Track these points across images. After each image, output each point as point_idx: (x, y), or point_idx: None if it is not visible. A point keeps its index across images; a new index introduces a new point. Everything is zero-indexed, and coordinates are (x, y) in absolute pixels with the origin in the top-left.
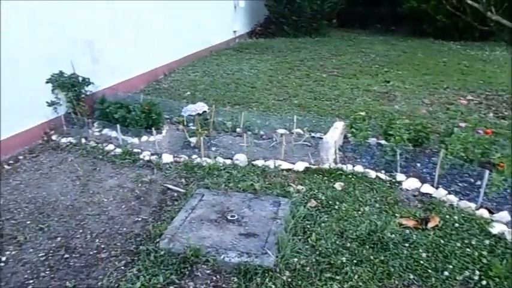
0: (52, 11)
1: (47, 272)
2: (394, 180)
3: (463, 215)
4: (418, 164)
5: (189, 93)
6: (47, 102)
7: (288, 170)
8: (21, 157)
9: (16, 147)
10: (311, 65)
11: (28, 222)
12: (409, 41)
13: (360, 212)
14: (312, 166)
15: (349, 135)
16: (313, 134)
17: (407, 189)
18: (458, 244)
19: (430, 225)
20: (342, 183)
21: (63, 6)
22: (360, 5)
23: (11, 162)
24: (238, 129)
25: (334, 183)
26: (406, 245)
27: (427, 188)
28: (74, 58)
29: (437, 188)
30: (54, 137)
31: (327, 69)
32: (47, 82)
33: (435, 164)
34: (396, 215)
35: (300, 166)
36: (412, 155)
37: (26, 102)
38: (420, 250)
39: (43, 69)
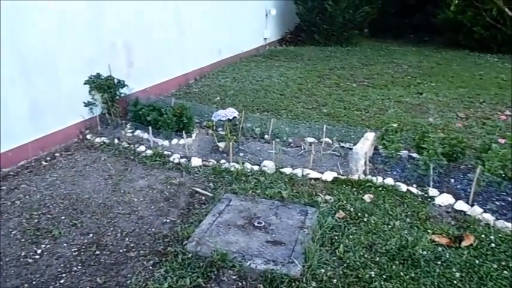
0: (93, 14)
1: (79, 267)
2: (426, 195)
3: (499, 235)
4: (452, 180)
5: (218, 98)
6: (84, 102)
7: (316, 179)
8: (57, 154)
9: (53, 145)
10: (341, 74)
11: (63, 217)
12: (443, 52)
13: (389, 226)
14: (340, 176)
15: (380, 146)
16: (342, 144)
17: (440, 205)
18: (495, 266)
19: (464, 243)
20: (372, 196)
21: (104, 9)
22: (392, 15)
23: (48, 158)
24: (266, 136)
25: (363, 195)
26: (439, 263)
27: (461, 205)
28: (111, 61)
29: (472, 205)
30: (88, 137)
31: (357, 79)
32: (85, 83)
33: (470, 180)
34: (428, 231)
35: (329, 176)
36: (446, 170)
37: (65, 102)
38: (453, 269)
39: (82, 70)
